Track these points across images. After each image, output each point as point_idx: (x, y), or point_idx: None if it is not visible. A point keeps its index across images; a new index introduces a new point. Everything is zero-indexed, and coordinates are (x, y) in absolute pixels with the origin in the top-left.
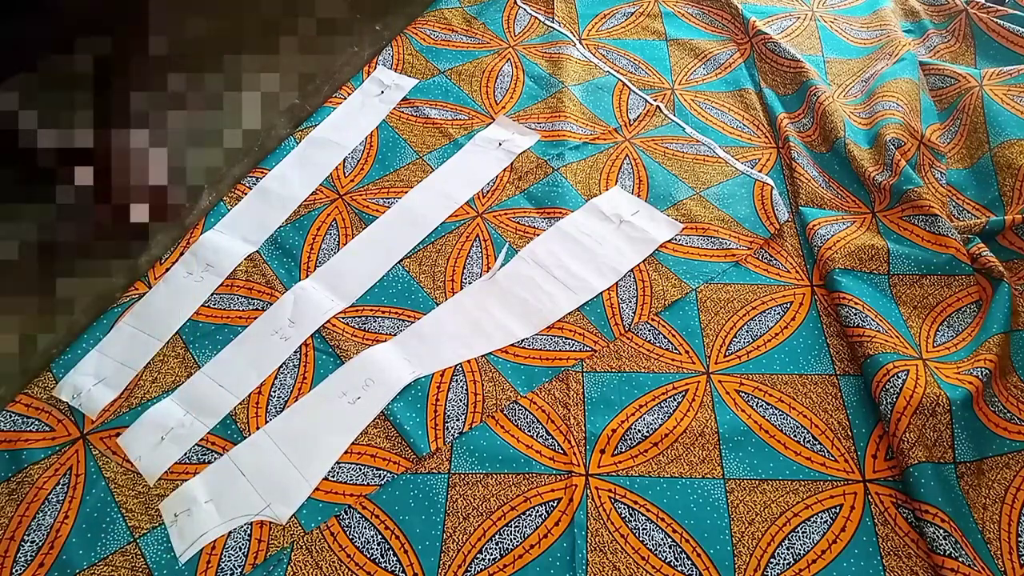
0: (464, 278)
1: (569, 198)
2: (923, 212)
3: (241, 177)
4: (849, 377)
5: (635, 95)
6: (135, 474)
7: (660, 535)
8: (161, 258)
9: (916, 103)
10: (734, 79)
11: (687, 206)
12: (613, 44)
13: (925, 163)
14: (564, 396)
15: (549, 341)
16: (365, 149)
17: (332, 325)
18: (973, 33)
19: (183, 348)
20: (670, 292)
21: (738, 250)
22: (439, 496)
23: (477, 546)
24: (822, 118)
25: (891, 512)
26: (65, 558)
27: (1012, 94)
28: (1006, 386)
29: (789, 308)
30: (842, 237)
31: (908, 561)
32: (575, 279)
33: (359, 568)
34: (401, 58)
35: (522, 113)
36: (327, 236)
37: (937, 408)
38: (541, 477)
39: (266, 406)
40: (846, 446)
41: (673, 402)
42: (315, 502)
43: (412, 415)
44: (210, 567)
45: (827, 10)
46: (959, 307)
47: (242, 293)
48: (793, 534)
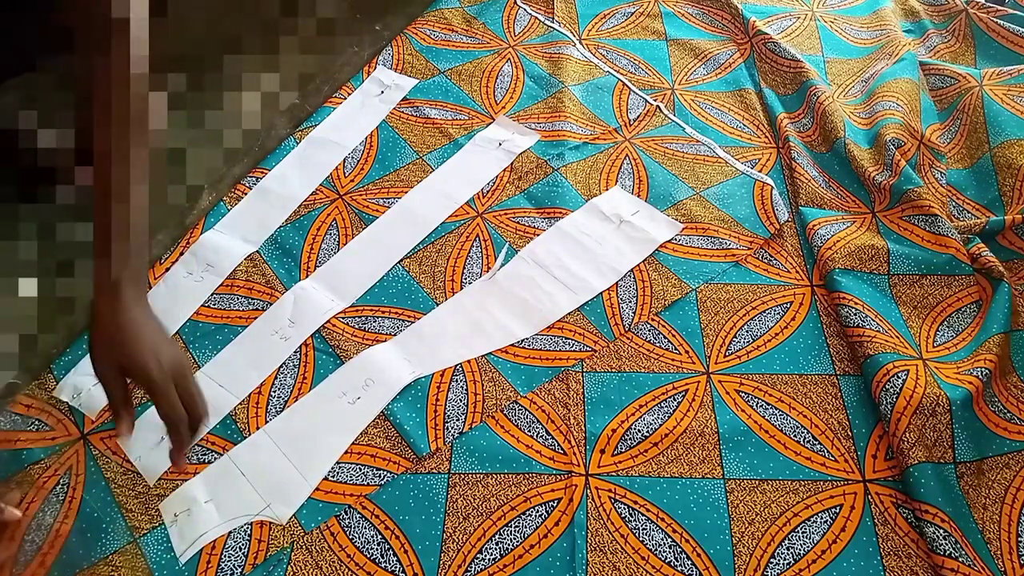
0: (464, 278)
1: (569, 198)
2: (923, 212)
3: (241, 177)
4: (849, 377)
5: (635, 95)
6: (135, 474)
7: (660, 535)
8: (161, 258)
9: (916, 103)
10: (734, 79)
11: (687, 206)
12: (613, 44)
13: (925, 163)
14: (564, 396)
15: (549, 341)
16: (365, 149)
17: (332, 325)
18: (973, 33)
19: (183, 348)
20: (670, 292)
21: (738, 250)
22: (439, 496)
23: (477, 546)
24: (822, 118)
25: (891, 512)
26: (65, 558)
27: (1012, 94)
28: (1006, 386)
29: (789, 308)
30: (842, 237)
31: (908, 561)
32: (575, 279)
33: (359, 568)
34: (401, 58)
35: (522, 113)
36: (327, 236)
37: (937, 408)
38: (541, 477)
39: (266, 406)
40: (846, 446)
41: (673, 402)
42: (315, 502)
43: (412, 415)
44: (210, 567)
45: (827, 10)
46: (959, 307)
47: (242, 293)
48: (793, 534)
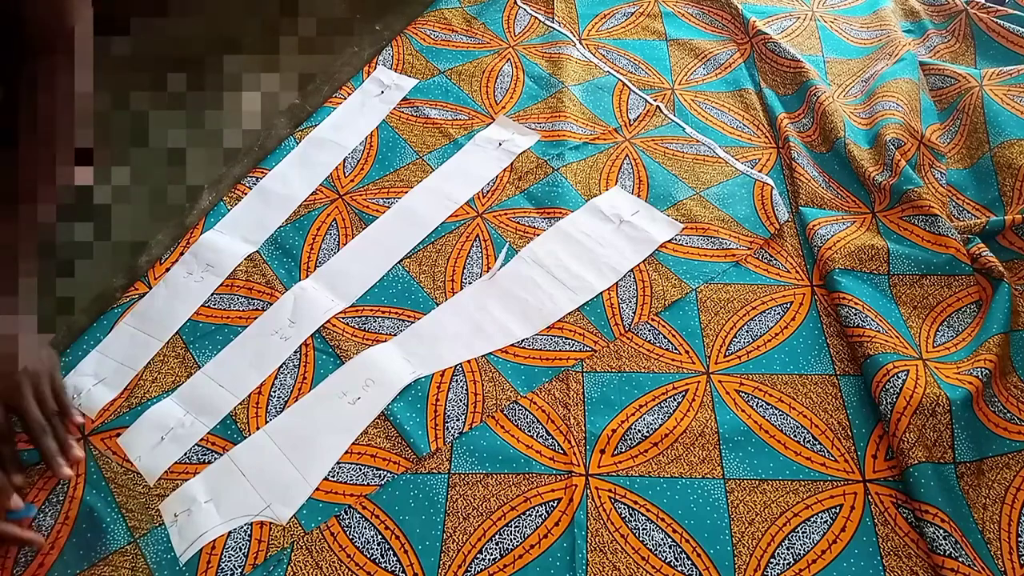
0: (464, 278)
1: (569, 198)
2: (923, 212)
3: (241, 177)
4: (849, 377)
5: (635, 95)
6: (135, 474)
7: (660, 535)
8: (161, 258)
9: (916, 103)
10: (734, 79)
11: (687, 206)
12: (613, 44)
13: (925, 163)
14: (564, 396)
15: (549, 341)
16: (365, 149)
17: (332, 325)
18: (973, 33)
19: (183, 348)
20: (670, 292)
21: (738, 250)
22: (439, 496)
23: (477, 546)
24: (822, 118)
25: (891, 512)
26: (65, 558)
27: (1012, 94)
28: (1006, 386)
29: (789, 308)
30: (842, 237)
31: (908, 561)
32: (575, 279)
33: (359, 568)
34: (401, 58)
35: (522, 113)
36: (327, 236)
37: (937, 408)
38: (541, 477)
39: (266, 406)
40: (846, 446)
41: (673, 402)
42: (315, 502)
43: (412, 415)
44: (210, 567)
45: (827, 10)
46: (959, 307)
47: (242, 293)
48: (793, 534)
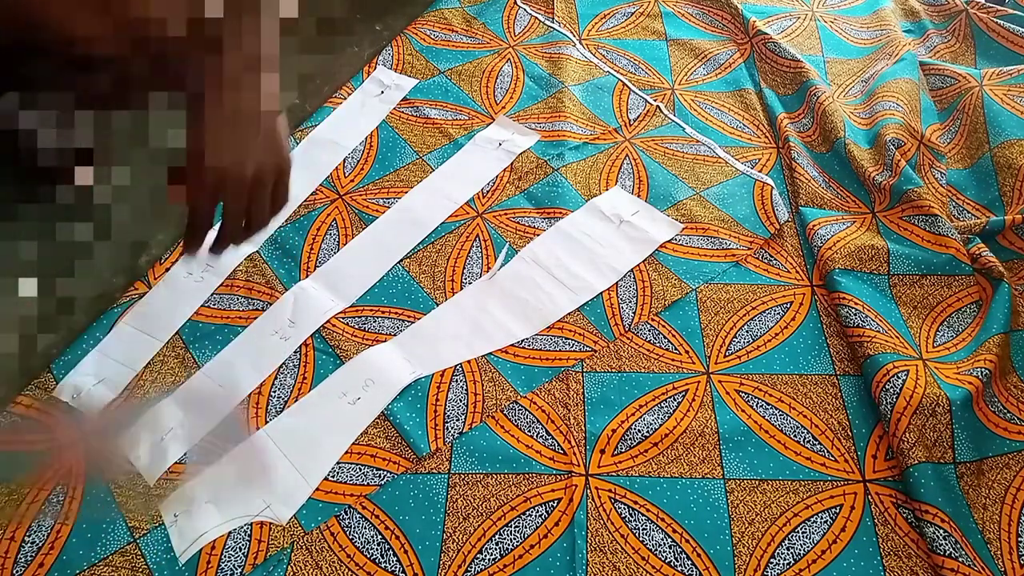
0: (464, 278)
1: (569, 198)
2: (923, 212)
3: None
4: (849, 377)
5: (635, 95)
6: (135, 474)
7: (660, 535)
8: (161, 258)
9: (916, 103)
10: (734, 79)
11: (687, 206)
12: (613, 44)
13: (925, 163)
14: (564, 396)
15: (549, 341)
16: (365, 149)
17: (332, 325)
18: (973, 33)
19: (183, 348)
20: (670, 292)
21: (738, 250)
22: (439, 496)
23: (477, 546)
24: (822, 118)
25: (891, 512)
26: (65, 558)
27: (1012, 94)
28: (1006, 386)
29: (789, 308)
30: (842, 237)
31: (908, 561)
32: (575, 279)
33: (359, 568)
34: (401, 58)
35: (522, 113)
36: (327, 236)
37: (937, 408)
38: (541, 477)
39: (266, 406)
40: (846, 446)
41: (673, 402)
42: (315, 502)
43: (412, 415)
44: (210, 567)
45: (827, 10)
46: (959, 307)
47: (242, 293)
48: (793, 534)
